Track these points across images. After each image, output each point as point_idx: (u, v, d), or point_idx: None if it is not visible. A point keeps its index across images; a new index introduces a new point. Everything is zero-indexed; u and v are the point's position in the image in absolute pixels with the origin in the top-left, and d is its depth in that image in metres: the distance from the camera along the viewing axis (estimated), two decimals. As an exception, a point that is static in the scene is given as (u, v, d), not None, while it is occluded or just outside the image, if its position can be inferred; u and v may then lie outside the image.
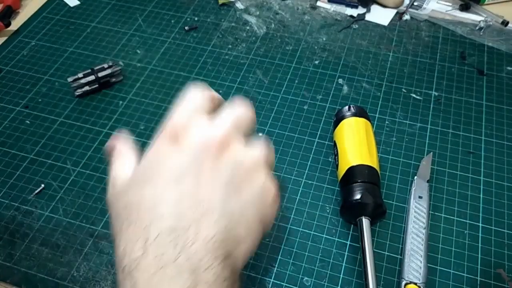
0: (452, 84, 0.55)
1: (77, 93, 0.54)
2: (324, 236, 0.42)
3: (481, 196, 0.44)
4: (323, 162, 0.47)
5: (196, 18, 0.65)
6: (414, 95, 0.54)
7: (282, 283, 0.39)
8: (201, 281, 0.23)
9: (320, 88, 0.55)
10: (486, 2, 0.64)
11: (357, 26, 0.63)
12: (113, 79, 0.55)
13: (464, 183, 0.45)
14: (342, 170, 0.43)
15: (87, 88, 0.54)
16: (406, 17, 0.64)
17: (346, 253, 0.40)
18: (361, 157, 0.43)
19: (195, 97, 0.30)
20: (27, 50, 0.61)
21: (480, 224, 0.42)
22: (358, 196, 0.40)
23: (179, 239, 0.23)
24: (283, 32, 0.62)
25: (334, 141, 0.46)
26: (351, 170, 0.42)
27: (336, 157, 0.45)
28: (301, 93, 0.54)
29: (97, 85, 0.54)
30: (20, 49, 0.61)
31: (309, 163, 0.47)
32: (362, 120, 0.46)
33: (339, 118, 0.47)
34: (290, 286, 0.38)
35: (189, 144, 0.27)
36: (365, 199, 0.40)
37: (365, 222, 0.40)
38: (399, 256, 0.40)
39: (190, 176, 0.26)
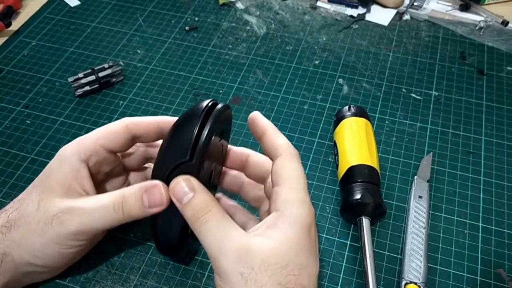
0: (452, 84, 0.55)
1: (78, 93, 0.54)
2: (324, 236, 0.42)
3: (481, 196, 0.44)
4: (323, 162, 0.47)
5: (196, 18, 0.65)
6: (414, 95, 0.54)
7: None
8: None
9: (320, 88, 0.55)
10: (486, 2, 0.64)
11: (357, 26, 0.63)
12: (114, 79, 0.55)
13: (464, 183, 0.45)
14: (342, 170, 0.43)
15: (87, 88, 0.54)
16: (406, 17, 0.64)
17: (346, 253, 0.40)
18: (361, 157, 0.43)
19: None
20: (27, 50, 0.61)
21: (480, 224, 0.42)
22: (358, 196, 0.40)
23: None
24: (283, 32, 0.63)
25: (334, 141, 0.46)
26: (351, 170, 0.42)
27: (336, 157, 0.45)
28: (301, 93, 0.54)
29: (97, 85, 0.54)
30: (20, 49, 0.61)
31: (309, 163, 0.47)
32: (362, 120, 0.46)
33: (339, 118, 0.47)
34: (290, 285, 0.38)
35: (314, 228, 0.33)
36: (365, 199, 0.40)
37: (365, 222, 0.40)
38: (399, 256, 0.40)
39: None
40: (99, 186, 0.37)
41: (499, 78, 0.56)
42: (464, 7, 0.64)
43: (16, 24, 0.65)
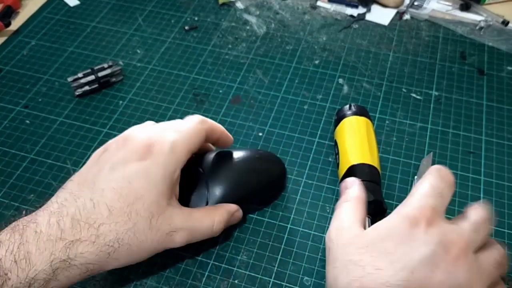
0: (452, 84, 0.55)
1: (77, 93, 0.54)
2: (324, 236, 0.41)
3: (482, 196, 0.44)
4: (323, 162, 0.47)
5: (196, 18, 0.65)
6: (414, 95, 0.54)
7: (282, 283, 0.39)
8: None
9: (320, 88, 0.55)
10: (486, 2, 0.64)
11: (357, 25, 0.63)
12: (113, 79, 0.55)
13: (464, 183, 0.45)
14: (342, 169, 0.43)
15: (87, 88, 0.54)
16: (406, 16, 0.64)
17: (346, 253, 0.40)
18: (362, 156, 0.42)
19: (441, 186, 0.33)
20: (27, 50, 0.61)
21: (481, 224, 0.42)
22: None
23: None
24: (283, 31, 0.62)
25: (335, 140, 0.46)
26: (352, 169, 0.42)
27: (337, 156, 0.45)
28: (301, 93, 0.54)
29: (97, 85, 0.54)
30: (20, 49, 0.61)
31: (309, 163, 0.47)
32: (362, 119, 0.46)
33: (340, 117, 0.47)
34: (290, 285, 0.38)
35: (435, 234, 0.29)
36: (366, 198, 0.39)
37: (366, 220, 0.39)
38: (399, 256, 0.40)
39: (427, 266, 0.28)
40: None
41: (500, 78, 0.55)
42: (465, 7, 0.64)
43: (16, 23, 0.65)
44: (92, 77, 0.54)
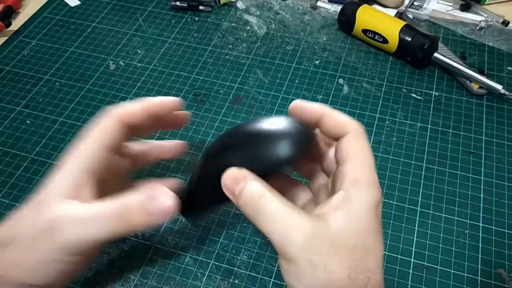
0: (453, 84, 0.55)
1: (171, 4, 0.65)
2: (325, 236, 0.41)
3: (482, 196, 0.44)
4: (324, 162, 0.47)
5: (196, 18, 0.65)
6: (414, 95, 0.54)
7: (283, 283, 0.39)
8: None
9: (320, 88, 0.55)
10: (486, 2, 0.64)
11: (357, 26, 0.63)
12: (202, 7, 0.64)
13: (464, 183, 0.45)
14: (393, 33, 0.55)
15: (178, 3, 0.64)
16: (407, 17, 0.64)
17: (346, 253, 0.40)
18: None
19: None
20: (27, 50, 0.61)
21: (481, 224, 0.42)
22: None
23: None
24: (284, 32, 0.62)
25: (364, 29, 0.57)
26: (407, 26, 0.55)
27: (377, 35, 0.56)
28: (302, 93, 0.54)
29: (186, 4, 0.64)
30: (20, 49, 0.61)
31: (309, 163, 0.47)
32: (367, 6, 0.59)
33: (349, 13, 0.59)
34: (290, 286, 0.38)
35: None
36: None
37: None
38: (399, 256, 0.40)
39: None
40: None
41: (500, 78, 0.55)
42: (465, 7, 0.64)
43: (16, 24, 0.65)
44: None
